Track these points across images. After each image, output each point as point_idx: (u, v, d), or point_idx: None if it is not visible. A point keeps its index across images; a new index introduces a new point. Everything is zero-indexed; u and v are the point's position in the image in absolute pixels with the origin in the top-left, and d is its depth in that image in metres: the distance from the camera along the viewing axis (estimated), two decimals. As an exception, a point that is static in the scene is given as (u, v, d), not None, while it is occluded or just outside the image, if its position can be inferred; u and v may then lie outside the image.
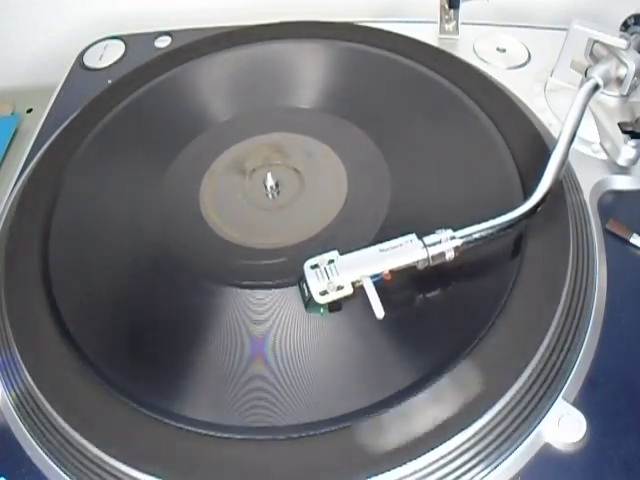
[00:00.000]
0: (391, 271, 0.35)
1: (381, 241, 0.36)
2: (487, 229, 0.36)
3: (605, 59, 0.45)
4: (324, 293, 0.34)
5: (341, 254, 0.36)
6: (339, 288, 0.34)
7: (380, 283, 0.35)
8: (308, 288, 0.35)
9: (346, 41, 0.54)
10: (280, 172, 0.46)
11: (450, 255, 0.36)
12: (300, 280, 0.35)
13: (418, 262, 0.36)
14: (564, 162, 0.39)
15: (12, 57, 0.73)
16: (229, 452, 0.33)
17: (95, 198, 0.46)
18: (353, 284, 0.35)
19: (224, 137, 0.49)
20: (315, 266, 0.35)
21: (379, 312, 0.34)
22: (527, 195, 0.38)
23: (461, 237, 0.36)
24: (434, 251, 0.35)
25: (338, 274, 0.35)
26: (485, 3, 0.53)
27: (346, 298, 0.35)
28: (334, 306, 0.35)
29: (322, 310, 0.35)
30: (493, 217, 0.37)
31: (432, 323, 0.37)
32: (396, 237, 0.36)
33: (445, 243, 0.36)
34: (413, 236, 0.36)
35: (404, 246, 0.36)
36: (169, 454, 0.33)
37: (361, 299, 0.34)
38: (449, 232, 0.36)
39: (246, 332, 0.37)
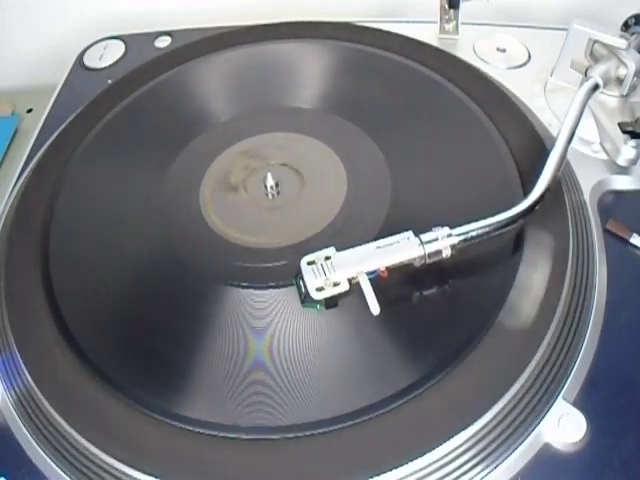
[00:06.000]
0: (387, 268, 0.35)
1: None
2: (484, 227, 0.36)
3: (605, 59, 0.45)
4: (320, 289, 0.34)
5: (338, 251, 0.36)
6: (335, 284, 0.34)
7: (376, 280, 0.35)
8: (304, 284, 0.35)
9: (346, 41, 0.54)
10: (280, 172, 0.46)
11: (447, 253, 0.36)
12: (297, 276, 0.36)
13: (415, 259, 0.36)
14: (562, 160, 0.39)
15: (12, 57, 0.73)
16: (229, 452, 0.33)
17: (95, 198, 0.46)
18: (349, 280, 0.35)
19: (224, 137, 0.49)
20: (312, 262, 0.35)
21: (375, 308, 0.34)
22: (526, 194, 0.38)
23: (458, 235, 0.36)
24: (431, 248, 0.35)
25: (334, 270, 0.35)
26: (485, 3, 0.53)
27: (345, 296, 0.35)
28: (330, 302, 0.35)
29: (318, 306, 0.35)
30: (491, 215, 0.37)
31: (432, 322, 0.37)
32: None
33: (442, 241, 0.36)
34: (410, 233, 0.36)
35: (401, 243, 0.36)
36: (169, 454, 0.33)
37: (361, 298, 0.34)
38: (446, 230, 0.36)
39: (246, 332, 0.37)
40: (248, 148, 0.48)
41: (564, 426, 0.33)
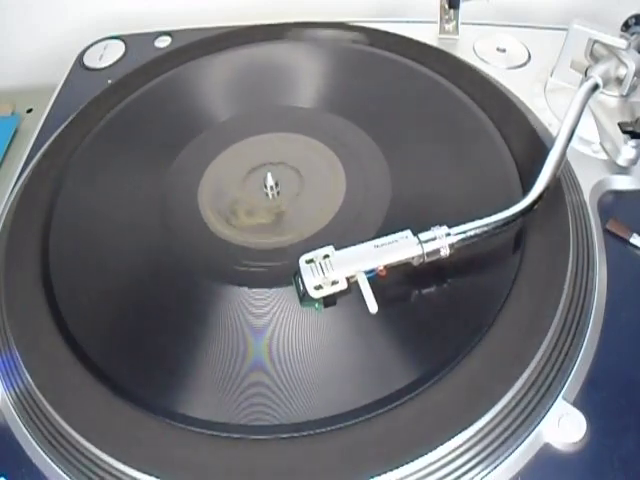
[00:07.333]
0: (386, 267, 0.35)
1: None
2: (483, 226, 0.36)
3: (605, 59, 0.45)
4: (319, 288, 0.34)
5: (337, 250, 0.36)
6: (334, 283, 0.34)
7: (375, 279, 0.35)
8: (303, 283, 0.35)
9: (346, 41, 0.54)
10: (280, 172, 0.46)
11: (445, 252, 0.36)
12: (295, 275, 0.35)
13: (413, 258, 0.36)
14: (562, 159, 0.39)
15: (12, 57, 0.73)
16: (228, 452, 0.33)
17: (95, 198, 0.46)
18: (348, 279, 0.35)
19: (224, 137, 0.49)
20: (310, 261, 0.35)
21: (372, 307, 0.34)
22: (526, 194, 0.38)
23: (456, 234, 0.36)
24: (429, 248, 0.35)
25: (333, 269, 0.35)
26: (485, 3, 0.53)
27: (344, 295, 0.35)
28: (329, 301, 0.35)
29: (317, 305, 0.35)
30: (490, 215, 0.36)
31: (431, 322, 0.37)
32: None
33: (440, 240, 0.35)
34: (408, 232, 0.36)
35: (399, 242, 0.36)
36: (169, 454, 0.33)
37: (361, 298, 0.34)
38: (444, 229, 0.36)
39: (246, 331, 0.37)
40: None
41: (564, 426, 0.33)
